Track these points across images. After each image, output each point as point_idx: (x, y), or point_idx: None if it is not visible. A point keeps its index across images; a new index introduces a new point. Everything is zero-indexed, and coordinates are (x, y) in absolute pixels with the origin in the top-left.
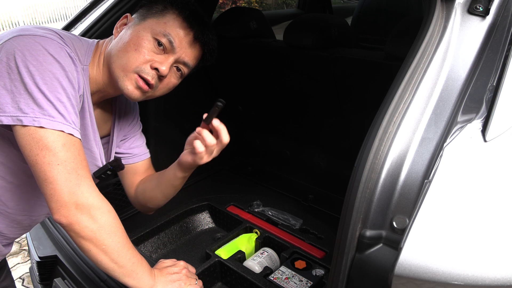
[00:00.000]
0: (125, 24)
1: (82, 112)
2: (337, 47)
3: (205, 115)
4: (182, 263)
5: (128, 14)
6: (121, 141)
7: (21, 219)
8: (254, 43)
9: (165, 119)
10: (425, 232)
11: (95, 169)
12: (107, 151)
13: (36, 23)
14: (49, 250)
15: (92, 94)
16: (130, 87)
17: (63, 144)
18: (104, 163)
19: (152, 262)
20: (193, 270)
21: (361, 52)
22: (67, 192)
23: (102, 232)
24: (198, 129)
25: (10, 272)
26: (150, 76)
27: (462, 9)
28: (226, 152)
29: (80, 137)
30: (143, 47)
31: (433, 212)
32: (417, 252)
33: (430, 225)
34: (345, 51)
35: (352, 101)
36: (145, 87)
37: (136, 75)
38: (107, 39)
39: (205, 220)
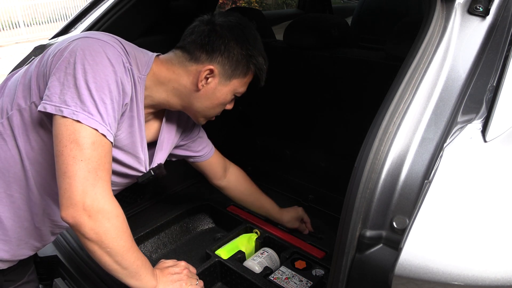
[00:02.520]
0: (210, 76)
1: (131, 119)
2: (337, 47)
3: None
4: (183, 263)
5: (213, 68)
6: (179, 147)
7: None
8: None
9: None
10: (425, 232)
11: (139, 174)
12: (152, 156)
13: (36, 23)
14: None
15: (145, 102)
16: (203, 122)
17: (93, 142)
18: (148, 168)
19: (153, 262)
20: (194, 270)
21: (361, 52)
22: (81, 191)
23: (107, 235)
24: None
25: (35, 269)
26: (221, 112)
27: (462, 9)
28: (226, 152)
29: (112, 141)
30: (226, 102)
31: (433, 213)
32: (417, 253)
33: (430, 226)
34: (345, 51)
35: (352, 101)
36: (213, 119)
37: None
38: (167, 56)
39: (205, 220)
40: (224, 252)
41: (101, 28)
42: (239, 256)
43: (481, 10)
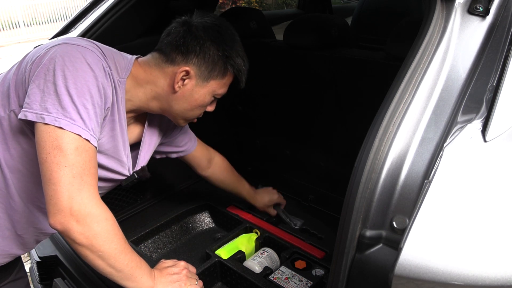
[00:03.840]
0: (186, 78)
1: (112, 123)
2: (337, 47)
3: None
4: (182, 263)
5: (188, 69)
6: (162, 144)
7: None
8: (254, 43)
9: None
10: (425, 232)
11: (122, 177)
12: (135, 158)
13: (36, 23)
14: (49, 250)
15: (126, 106)
16: (184, 124)
17: (76, 147)
18: (131, 171)
19: (153, 263)
20: (193, 270)
21: (361, 52)
22: (67, 196)
23: (98, 239)
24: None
25: (23, 265)
26: (202, 114)
27: (462, 9)
28: (226, 152)
29: (96, 145)
30: (206, 104)
31: (433, 212)
32: (417, 252)
33: (430, 225)
34: (345, 51)
35: (352, 101)
36: (195, 121)
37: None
38: (145, 59)
39: (205, 220)
40: (224, 252)
41: (101, 28)
42: (239, 256)
43: (481, 10)
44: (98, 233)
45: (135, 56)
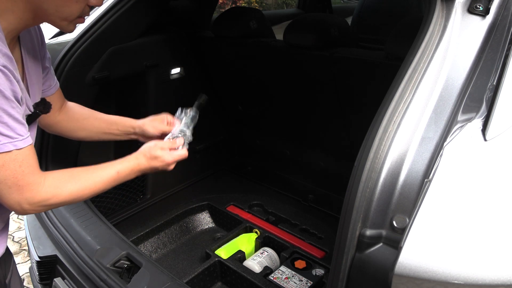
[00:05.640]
0: None
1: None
2: (337, 47)
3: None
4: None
5: None
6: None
7: None
8: (254, 43)
9: None
10: (425, 231)
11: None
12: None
13: None
14: (49, 250)
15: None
16: (72, 28)
17: (2, 164)
18: (32, 109)
19: (153, 262)
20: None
21: (361, 52)
22: (16, 203)
23: (68, 199)
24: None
25: (15, 266)
26: (88, 11)
27: (462, 9)
28: (226, 152)
29: (26, 144)
30: None
31: (433, 212)
32: (417, 252)
33: (430, 225)
34: (345, 51)
35: (352, 101)
36: (83, 21)
37: (78, 18)
38: None
39: (205, 220)
40: (224, 252)
41: (101, 28)
42: (239, 256)
43: (481, 9)
44: (64, 198)
45: None
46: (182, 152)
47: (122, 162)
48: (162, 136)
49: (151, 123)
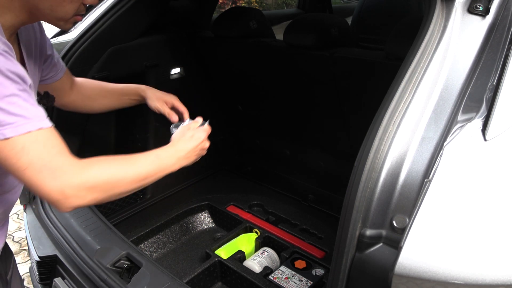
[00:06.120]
0: None
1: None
2: (337, 47)
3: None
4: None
5: None
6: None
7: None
8: (254, 43)
9: (166, 119)
10: (425, 231)
11: None
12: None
13: None
14: (49, 249)
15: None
16: (69, 27)
17: (22, 147)
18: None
19: (153, 262)
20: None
21: (361, 52)
22: (56, 190)
23: (111, 181)
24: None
25: (16, 265)
26: (83, 9)
27: (462, 9)
28: (226, 152)
29: (47, 125)
30: None
31: (433, 212)
32: (417, 252)
33: (430, 225)
34: (345, 51)
35: (352, 101)
36: (80, 19)
37: (75, 17)
38: None
39: (205, 220)
40: (224, 252)
41: (101, 28)
42: (239, 256)
43: (481, 9)
44: (104, 182)
45: None
46: (207, 127)
47: (160, 148)
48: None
49: (154, 103)
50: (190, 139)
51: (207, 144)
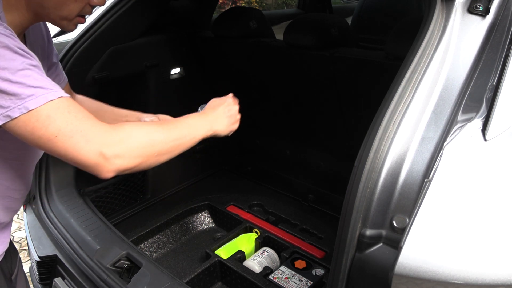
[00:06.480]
0: None
1: None
2: (337, 47)
3: None
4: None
5: None
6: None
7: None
8: (254, 43)
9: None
10: (425, 231)
11: None
12: None
13: None
14: (49, 249)
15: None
16: (72, 28)
17: (47, 116)
18: None
19: (153, 262)
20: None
21: (361, 52)
22: (94, 153)
23: (145, 143)
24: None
25: (21, 264)
26: (89, 11)
27: (462, 9)
28: (226, 152)
29: (62, 94)
30: None
31: (433, 212)
32: (417, 252)
33: (430, 225)
34: (345, 51)
35: (352, 101)
36: (84, 21)
37: (78, 18)
38: None
39: (205, 220)
40: (224, 252)
41: (101, 28)
42: (239, 256)
43: (481, 9)
44: (139, 144)
45: None
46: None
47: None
48: None
49: None
50: (217, 106)
51: (237, 116)
